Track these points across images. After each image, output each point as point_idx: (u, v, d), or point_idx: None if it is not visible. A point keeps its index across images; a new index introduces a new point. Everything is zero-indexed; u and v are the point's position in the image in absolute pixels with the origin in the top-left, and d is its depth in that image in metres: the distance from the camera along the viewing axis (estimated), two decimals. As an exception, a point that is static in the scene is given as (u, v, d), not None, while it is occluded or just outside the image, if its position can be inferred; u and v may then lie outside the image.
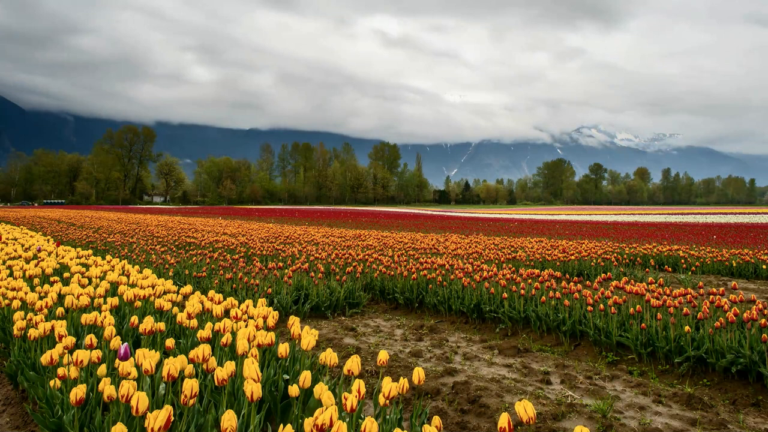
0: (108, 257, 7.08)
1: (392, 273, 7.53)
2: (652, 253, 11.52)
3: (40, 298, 4.47)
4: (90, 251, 8.38)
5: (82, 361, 2.78)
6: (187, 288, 4.73)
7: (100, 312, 3.93)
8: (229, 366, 2.63)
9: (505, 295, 5.81)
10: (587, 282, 7.39)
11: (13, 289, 4.73)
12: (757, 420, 3.47)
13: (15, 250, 8.10)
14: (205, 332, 3.29)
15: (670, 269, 8.93)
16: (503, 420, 1.88)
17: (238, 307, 4.05)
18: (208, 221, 24.54)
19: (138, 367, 2.70)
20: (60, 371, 2.77)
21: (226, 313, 4.18)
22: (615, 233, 18.39)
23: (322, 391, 2.40)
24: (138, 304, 4.41)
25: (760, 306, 4.48)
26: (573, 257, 9.76)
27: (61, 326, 3.35)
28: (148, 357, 2.68)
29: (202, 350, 2.84)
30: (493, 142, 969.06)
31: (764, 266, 9.89)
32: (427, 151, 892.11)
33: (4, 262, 6.88)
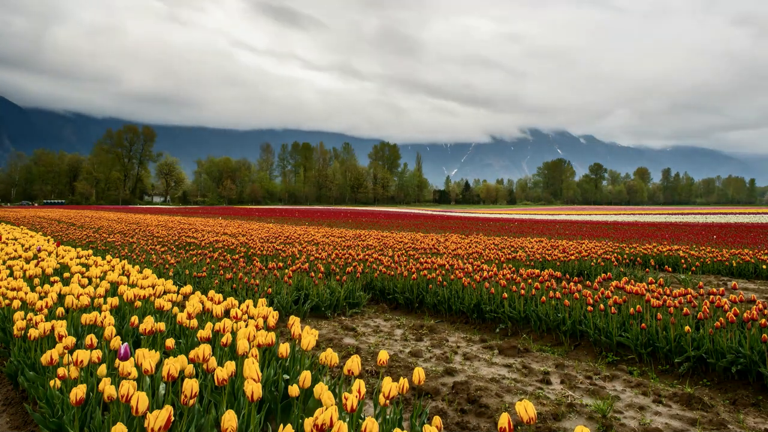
0: (108, 257, 7.08)
1: (392, 273, 7.53)
2: (652, 253, 11.51)
3: (40, 298, 4.47)
4: (90, 251, 8.38)
5: (82, 361, 2.78)
6: (187, 288, 4.73)
7: (100, 312, 3.92)
8: (230, 366, 2.63)
9: (505, 295, 5.81)
10: (587, 282, 7.39)
11: (13, 289, 4.72)
12: (757, 420, 3.47)
13: (15, 250, 8.09)
14: (205, 332, 3.29)
15: (670, 269, 8.92)
16: (503, 420, 1.88)
17: (238, 307, 4.05)
18: (208, 221, 24.54)
19: (138, 367, 2.69)
20: (60, 371, 2.77)
21: (226, 313, 4.18)
22: (615, 233, 18.39)
23: (322, 391, 2.39)
24: (138, 304, 4.41)
25: (760, 306, 4.48)
26: (573, 257, 9.76)
27: (61, 326, 3.35)
28: (148, 357, 2.67)
29: (203, 350, 2.84)
30: (493, 142, 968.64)
31: (764, 266, 9.89)
32: (427, 151, 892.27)
33: (4, 262, 6.88)
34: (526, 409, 1.93)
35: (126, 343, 2.73)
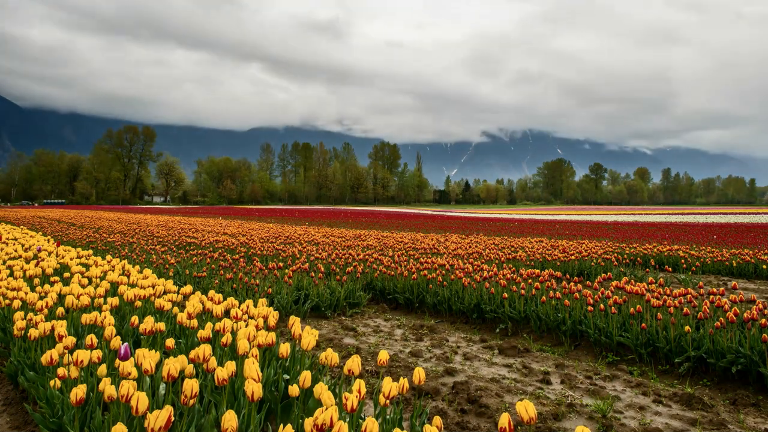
0: (108, 257, 7.08)
1: (392, 273, 7.53)
2: (653, 253, 11.51)
3: (41, 298, 4.47)
4: (90, 251, 8.38)
5: (82, 361, 2.78)
6: (188, 288, 4.73)
7: (101, 312, 3.93)
8: (230, 366, 2.63)
9: (506, 295, 5.81)
10: (587, 282, 7.39)
11: (14, 289, 4.73)
12: (757, 420, 3.47)
13: (15, 250, 8.09)
14: (205, 332, 3.29)
15: (670, 269, 8.92)
16: (504, 420, 1.88)
17: (239, 307, 4.05)
18: (208, 221, 24.54)
19: (138, 367, 2.70)
20: (60, 371, 2.77)
21: (227, 313, 4.18)
22: (615, 233, 18.39)
23: (322, 391, 2.39)
24: (138, 304, 4.41)
25: (760, 306, 4.48)
26: (573, 257, 9.76)
27: (61, 326, 3.35)
28: (148, 357, 2.67)
29: (203, 350, 2.84)
30: (493, 142, 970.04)
31: (764, 266, 9.89)
32: (427, 151, 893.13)
33: (4, 262, 6.87)
34: (527, 409, 1.93)
35: (126, 343, 2.73)
